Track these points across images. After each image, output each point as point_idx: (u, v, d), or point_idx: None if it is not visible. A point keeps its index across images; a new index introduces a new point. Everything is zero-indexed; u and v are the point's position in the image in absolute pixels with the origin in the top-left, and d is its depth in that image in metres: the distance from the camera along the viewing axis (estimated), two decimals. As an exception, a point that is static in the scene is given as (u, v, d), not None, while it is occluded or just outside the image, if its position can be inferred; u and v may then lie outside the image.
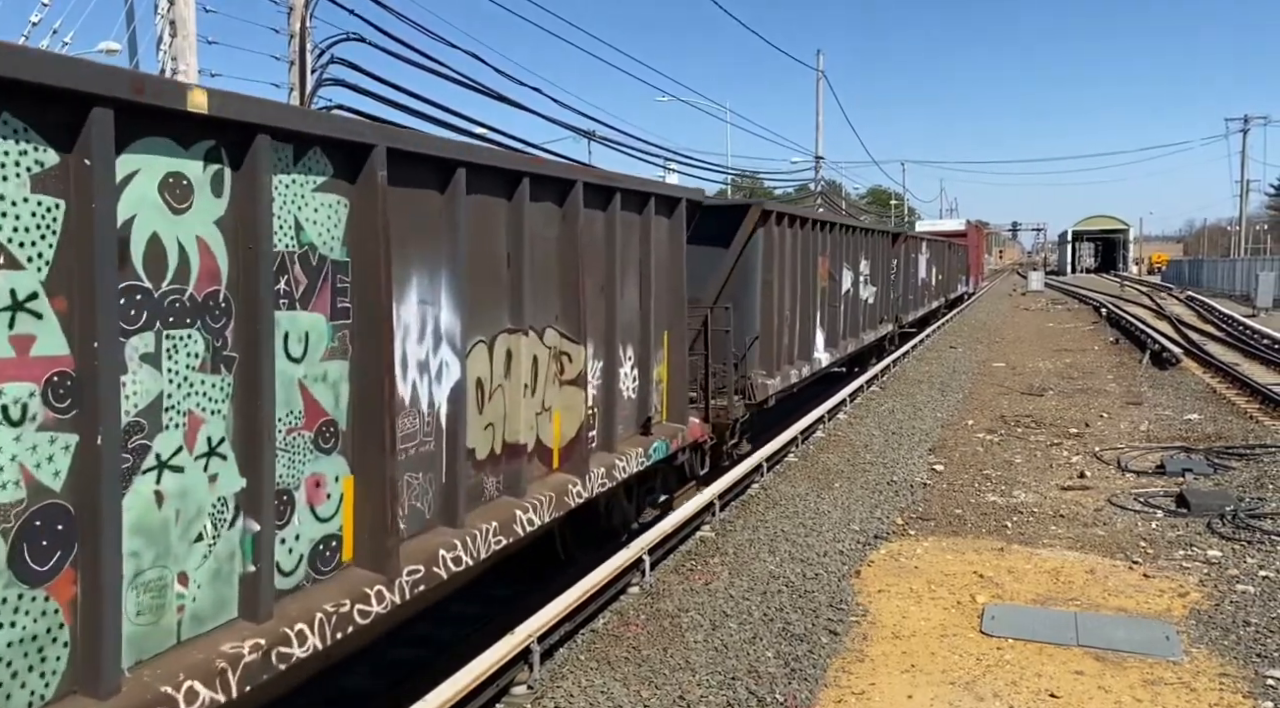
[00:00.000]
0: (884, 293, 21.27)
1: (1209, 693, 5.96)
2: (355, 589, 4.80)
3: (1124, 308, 39.67)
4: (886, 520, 9.86)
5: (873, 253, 19.66)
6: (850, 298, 17.55)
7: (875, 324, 20.16)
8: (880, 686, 6.14)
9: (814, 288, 14.88)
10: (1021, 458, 12.72)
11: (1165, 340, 24.96)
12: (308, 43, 12.44)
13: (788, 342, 13.62)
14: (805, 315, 14.34)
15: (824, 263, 15.27)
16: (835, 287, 16.30)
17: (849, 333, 17.55)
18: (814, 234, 14.74)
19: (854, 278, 17.82)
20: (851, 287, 17.66)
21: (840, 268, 16.60)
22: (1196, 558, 8.52)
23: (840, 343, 16.66)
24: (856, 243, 18.07)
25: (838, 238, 16.40)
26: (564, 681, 6.12)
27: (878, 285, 20.40)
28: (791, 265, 13.56)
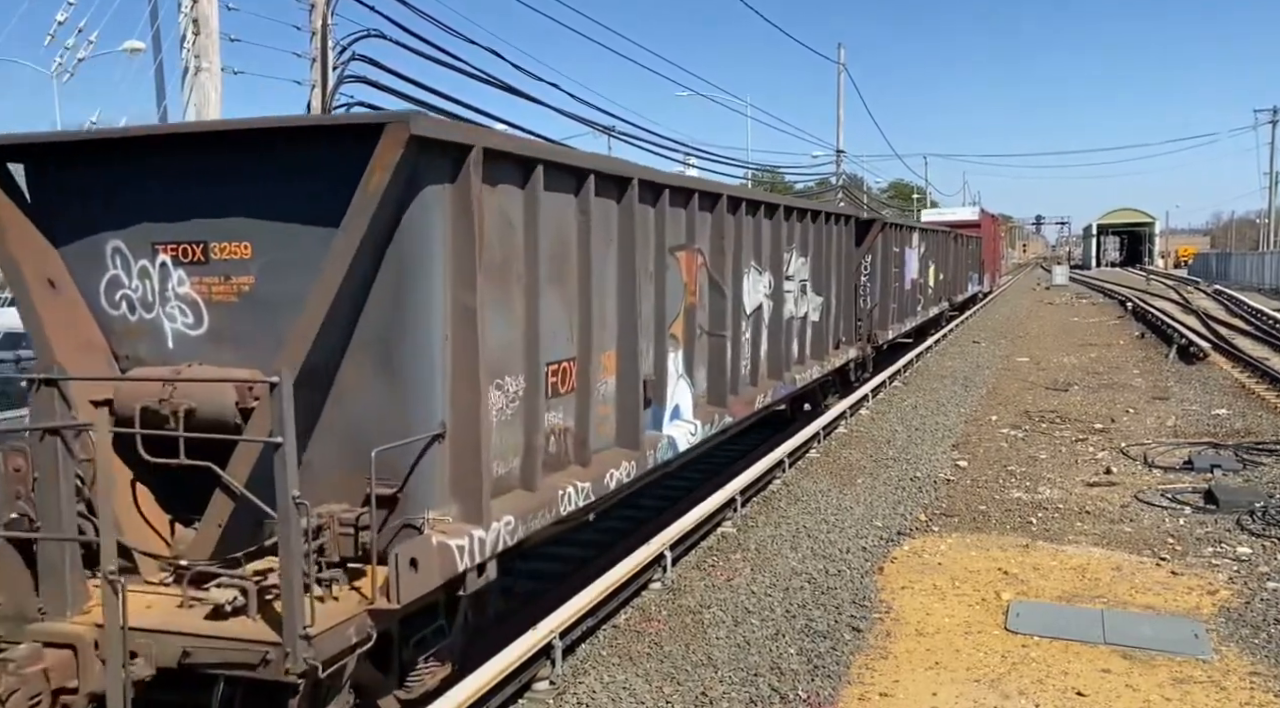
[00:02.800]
0: (842, 305, 14.84)
1: (1239, 692, 5.88)
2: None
3: (1150, 302, 39.24)
4: (909, 517, 9.79)
5: (817, 247, 13.22)
6: (764, 318, 10.99)
7: (823, 352, 13.79)
8: (904, 683, 6.09)
9: (658, 307, 8.02)
10: (1046, 454, 12.60)
11: (1192, 334, 24.65)
12: (329, 40, 12.49)
13: (512, 432, 6.03)
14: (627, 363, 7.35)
15: (689, 261, 8.75)
16: (721, 302, 9.44)
17: (768, 370, 11.23)
18: (648, 211, 7.78)
19: (772, 286, 11.21)
20: (768, 299, 11.11)
21: (736, 270, 9.87)
22: (1226, 555, 8.40)
23: (733, 396, 9.77)
24: (776, 231, 11.28)
25: (722, 220, 9.29)
26: (586, 677, 6.12)
27: (828, 294, 13.90)
28: (556, 266, 6.46)
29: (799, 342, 12.62)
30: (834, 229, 14.38)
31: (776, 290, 11.36)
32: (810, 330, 13.16)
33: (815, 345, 13.39)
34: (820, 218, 13.45)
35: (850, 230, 15.54)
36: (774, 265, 11.22)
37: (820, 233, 13.47)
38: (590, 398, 6.75)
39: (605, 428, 7.15)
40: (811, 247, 12.98)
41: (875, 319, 18.02)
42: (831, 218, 14.25)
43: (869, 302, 17.36)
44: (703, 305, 9.09)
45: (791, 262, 12.03)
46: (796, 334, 12.48)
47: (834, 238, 14.34)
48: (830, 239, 14.06)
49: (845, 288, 15.12)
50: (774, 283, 11.31)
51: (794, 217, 12.14)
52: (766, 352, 11.10)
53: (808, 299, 13.00)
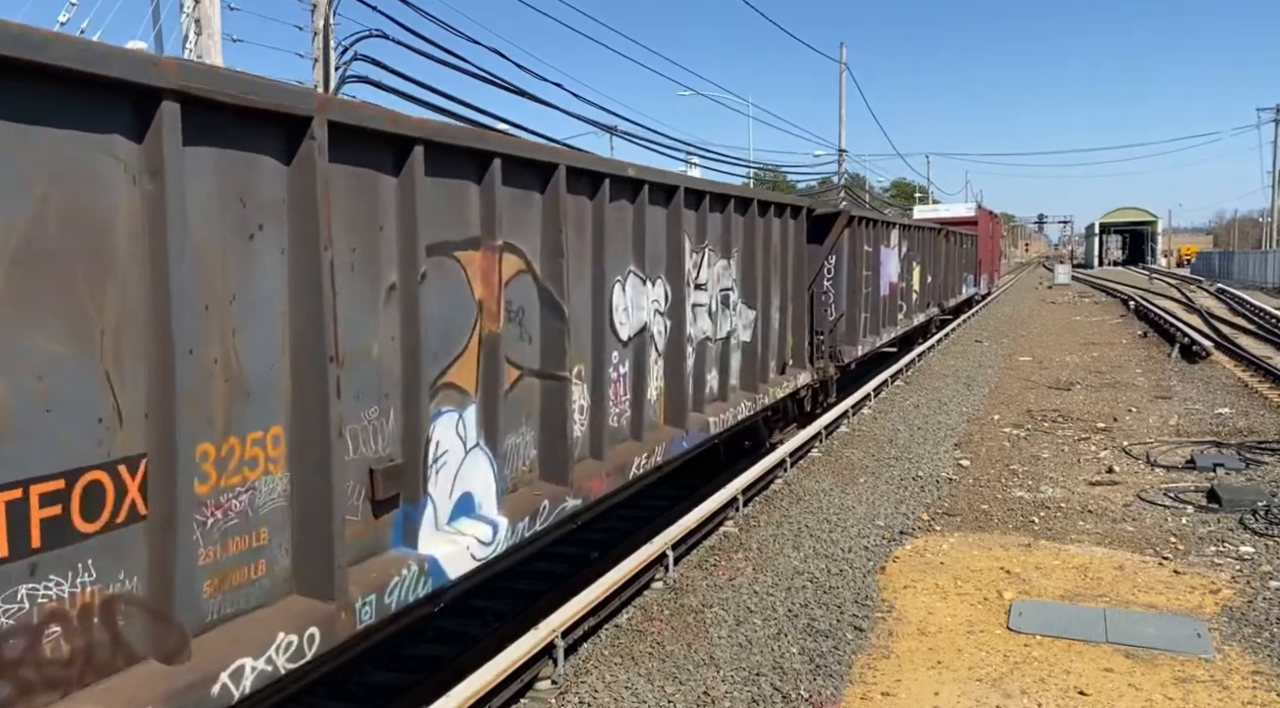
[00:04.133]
0: (791, 318, 12.36)
1: (1242, 692, 5.87)
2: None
3: (1152, 301, 39.20)
4: (912, 516, 9.79)
5: (749, 246, 10.55)
6: (653, 344, 8.33)
7: (758, 381, 10.92)
8: (906, 682, 6.09)
9: (409, 341, 5.17)
10: (1049, 453, 12.59)
11: (1195, 333, 24.63)
12: (331, 40, 12.50)
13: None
14: (314, 443, 4.45)
15: (487, 266, 5.89)
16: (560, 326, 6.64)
17: (664, 415, 8.65)
18: (377, 181, 4.90)
19: (669, 298, 8.61)
20: (661, 318, 8.48)
21: (599, 278, 7.34)
22: (1228, 554, 8.39)
23: (589, 463, 7.22)
24: (675, 224, 8.64)
25: (561, 205, 6.56)
26: (588, 676, 6.13)
27: (767, 306, 11.21)
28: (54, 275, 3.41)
29: (718, 371, 9.81)
30: (777, 224, 11.50)
31: (676, 305, 8.61)
32: (739, 354, 10.46)
33: (746, 373, 10.59)
34: (752, 208, 10.49)
35: (802, 225, 12.56)
36: (672, 271, 8.48)
37: (754, 228, 10.56)
38: (187, 533, 3.71)
39: (256, 568, 4.17)
40: (741, 245, 10.36)
41: (841, 333, 15.40)
42: (771, 209, 11.25)
43: (832, 312, 14.92)
44: (524, 333, 6.21)
45: (703, 266, 9.30)
46: (714, 361, 9.67)
47: (776, 234, 11.57)
48: (771, 236, 11.30)
49: (796, 297, 12.45)
50: (672, 294, 8.56)
51: (706, 206, 9.22)
52: (659, 390, 8.26)
53: (733, 314, 10.18)
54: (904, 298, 21.36)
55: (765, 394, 11.13)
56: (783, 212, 11.99)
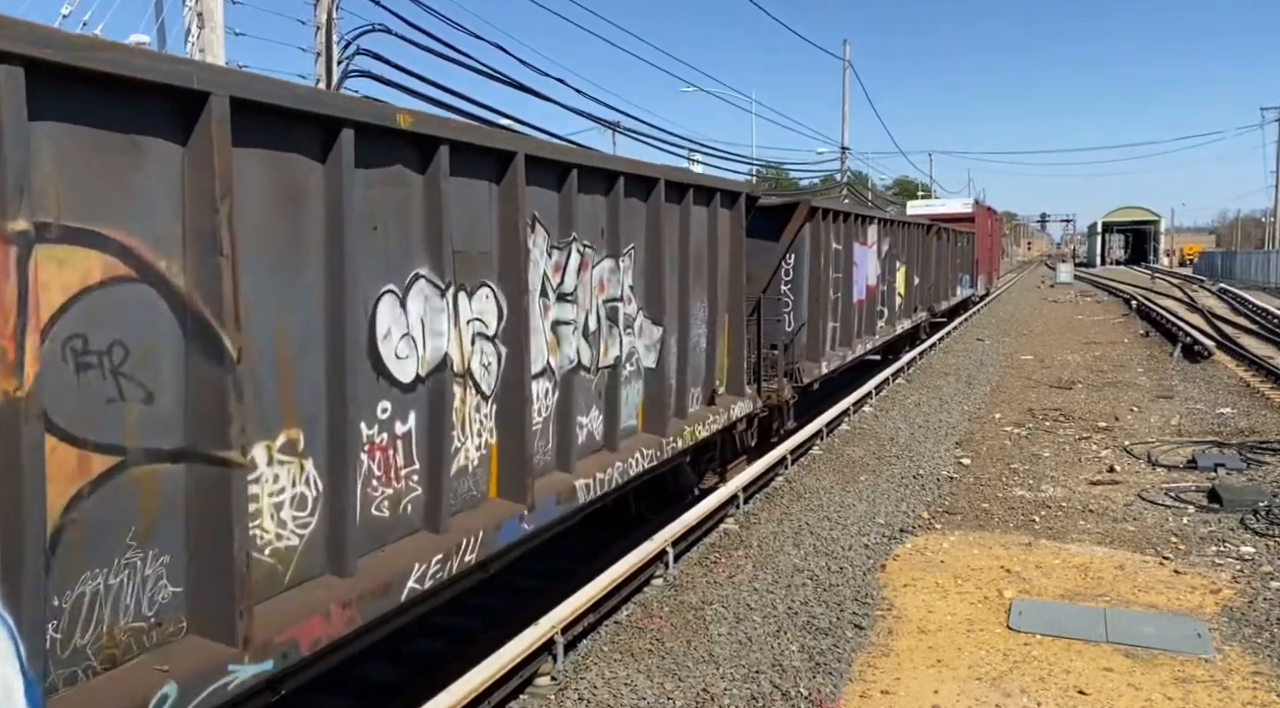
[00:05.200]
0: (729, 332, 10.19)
1: (1242, 692, 5.87)
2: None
3: (1155, 300, 39.17)
4: (912, 514, 9.78)
5: (654, 241, 8.33)
6: (459, 386, 5.83)
7: (667, 420, 8.64)
8: (905, 681, 6.09)
9: None
10: (1050, 452, 12.58)
11: (1197, 333, 24.60)
12: (334, 34, 12.48)
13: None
14: None
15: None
16: (220, 375, 4.01)
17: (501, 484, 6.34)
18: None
19: (503, 316, 6.23)
20: (484, 346, 6.08)
21: (338, 293, 4.76)
22: (1229, 554, 8.39)
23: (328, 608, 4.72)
24: (510, 208, 6.18)
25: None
26: (588, 672, 6.13)
27: (685, 318, 9.07)
28: None
29: (601, 411, 7.57)
30: (700, 214, 9.20)
31: (515, 324, 6.19)
32: (637, 385, 8.21)
33: (650, 410, 8.34)
34: (658, 191, 8.17)
35: (739, 216, 10.15)
36: (508, 276, 6.10)
37: (663, 218, 8.26)
38: None
39: None
40: (641, 241, 8.17)
41: (801, 347, 12.98)
42: (691, 194, 8.91)
43: (790, 322, 12.75)
44: (126, 387, 3.75)
45: (571, 268, 6.95)
46: (594, 398, 7.45)
47: (701, 227, 9.27)
48: (691, 229, 8.95)
49: (733, 307, 10.18)
50: (508, 309, 6.17)
51: (574, 185, 6.82)
52: (483, 449, 6.03)
53: (628, 333, 7.94)
54: (885, 302, 18.90)
55: (681, 435, 8.83)
56: (710, 198, 9.53)
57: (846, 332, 15.60)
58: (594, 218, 7.40)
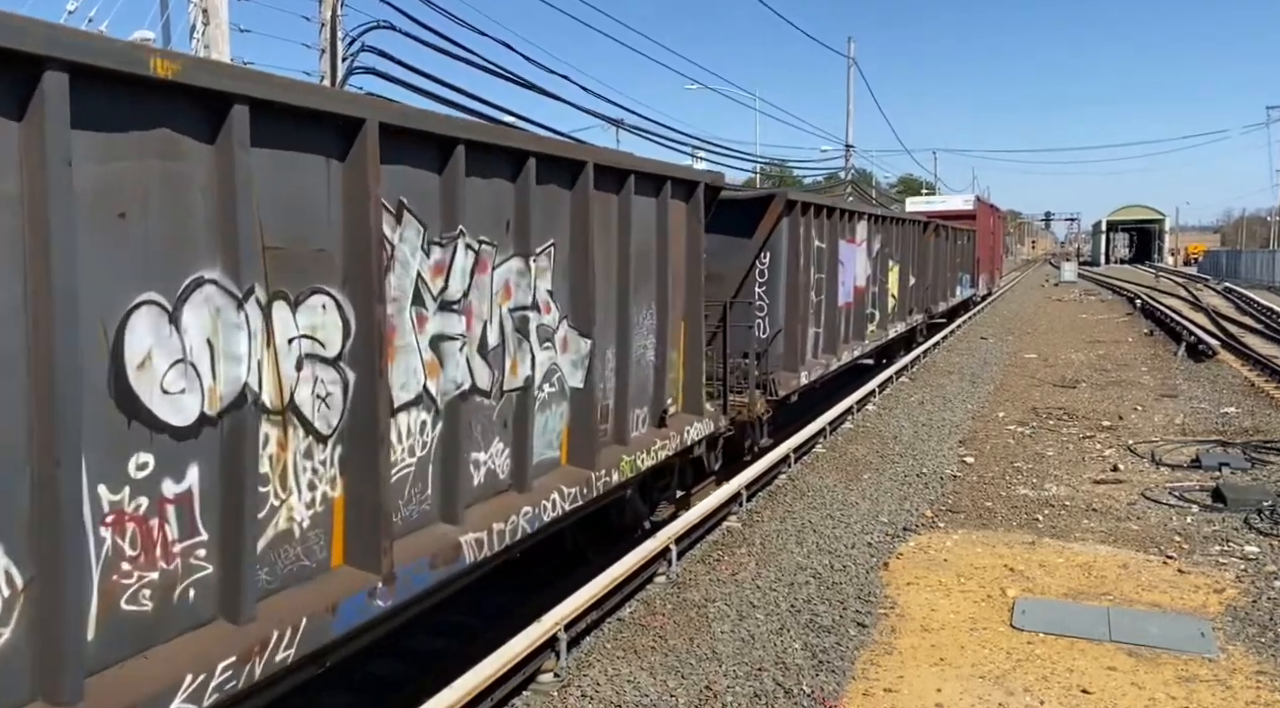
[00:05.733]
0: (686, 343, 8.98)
1: (1245, 691, 5.86)
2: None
3: (1159, 299, 39.10)
4: (915, 513, 9.78)
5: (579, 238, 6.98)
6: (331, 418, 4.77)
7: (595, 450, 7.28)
8: (909, 679, 6.09)
9: None
10: (1053, 451, 12.57)
11: (1201, 332, 24.56)
12: (339, 31, 12.48)
13: None
14: None
15: None
16: None
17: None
18: None
19: (354, 332, 4.84)
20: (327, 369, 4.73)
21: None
22: (1233, 554, 8.37)
23: None
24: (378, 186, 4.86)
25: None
26: (591, 669, 6.13)
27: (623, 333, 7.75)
28: None
29: (508, 444, 6.28)
30: (646, 206, 7.98)
31: (362, 342, 4.86)
32: (560, 410, 6.92)
33: (577, 438, 7.09)
34: (585, 177, 6.90)
35: (697, 209, 8.91)
36: (357, 278, 4.81)
37: (593, 210, 6.96)
38: None
39: None
40: (567, 236, 6.86)
41: (778, 356, 12.00)
42: (632, 181, 7.59)
43: (765, 328, 11.74)
44: None
45: (457, 268, 5.66)
46: (495, 429, 6.15)
47: (645, 221, 8.00)
48: (632, 223, 7.61)
49: (690, 312, 9.00)
50: (357, 323, 4.84)
51: (460, 163, 5.53)
52: (318, 505, 4.73)
53: (545, 347, 6.65)
54: (876, 304, 17.76)
55: (618, 466, 7.47)
56: (658, 187, 8.18)
57: (831, 337, 14.30)
58: (495, 208, 6.00)
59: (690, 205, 8.91)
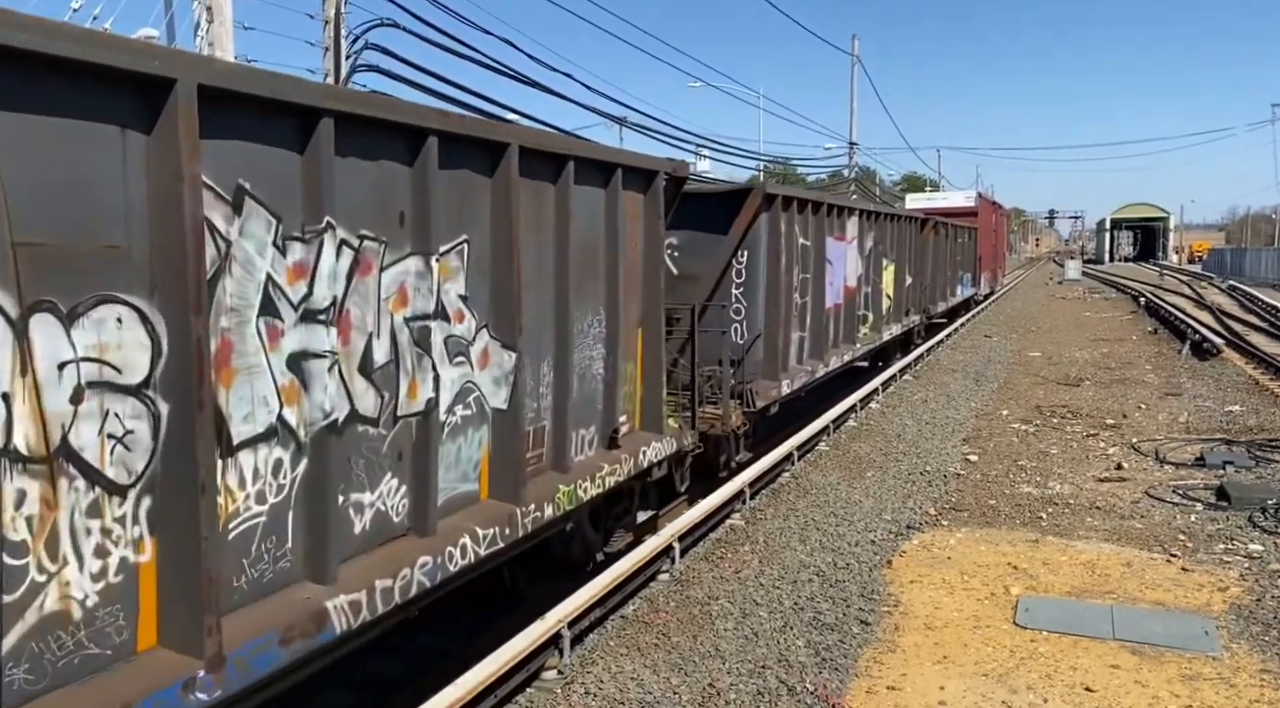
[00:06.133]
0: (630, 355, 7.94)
1: (1249, 689, 5.86)
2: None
3: (1163, 297, 39.03)
4: (919, 511, 9.77)
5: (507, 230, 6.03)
6: (137, 464, 3.80)
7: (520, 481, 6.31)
8: (912, 676, 6.09)
9: None
10: (1057, 449, 12.55)
11: (1206, 330, 24.51)
12: (342, 28, 12.49)
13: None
14: None
15: None
16: None
17: None
18: None
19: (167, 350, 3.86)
20: (112, 400, 3.69)
21: None
22: (1237, 552, 8.36)
23: None
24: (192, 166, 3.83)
25: None
26: (594, 666, 6.14)
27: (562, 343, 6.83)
28: None
29: (404, 480, 5.35)
30: (592, 197, 7.17)
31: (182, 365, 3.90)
32: (471, 438, 5.94)
33: (501, 470, 6.16)
34: (508, 161, 5.95)
35: (655, 201, 8.05)
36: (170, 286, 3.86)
37: (518, 201, 6.04)
38: None
39: None
40: (486, 231, 5.95)
41: (757, 363, 11.09)
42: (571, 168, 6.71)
43: (742, 333, 10.91)
44: None
45: (324, 270, 4.71)
46: (381, 466, 5.18)
47: (593, 215, 7.18)
48: (571, 216, 6.73)
49: (648, 318, 8.08)
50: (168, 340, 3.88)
51: (322, 139, 4.58)
52: (86, 589, 3.67)
53: (443, 363, 5.61)
54: (869, 306, 16.97)
55: (554, 498, 6.57)
56: (607, 175, 7.33)
57: (818, 342, 13.37)
58: (384, 196, 5.07)
59: (648, 197, 8.03)
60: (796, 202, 12.35)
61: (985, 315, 33.39)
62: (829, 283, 13.86)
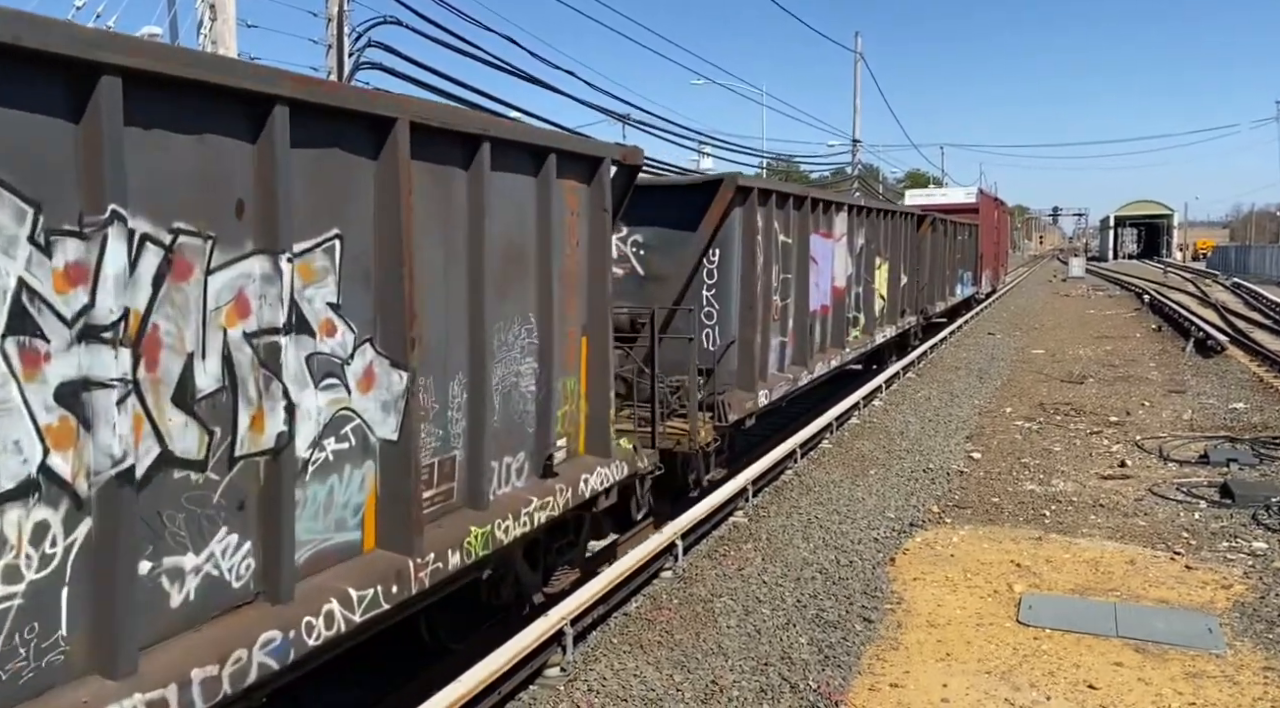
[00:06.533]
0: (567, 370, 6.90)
1: (1253, 687, 5.85)
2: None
3: (1167, 295, 38.95)
4: (922, 508, 9.77)
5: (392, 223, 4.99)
6: None
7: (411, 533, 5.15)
8: (915, 674, 6.09)
9: None
10: (1061, 446, 12.54)
11: (1210, 328, 24.47)
12: (345, 26, 12.50)
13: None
14: None
15: None
16: None
17: None
18: None
19: None
20: None
21: None
22: (1241, 550, 8.35)
23: None
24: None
25: None
26: (597, 663, 6.15)
27: (477, 360, 5.79)
28: None
29: (248, 535, 4.37)
30: (511, 184, 6.07)
31: None
32: (350, 478, 4.93)
33: (391, 514, 5.13)
34: (394, 140, 4.98)
35: (599, 191, 7.07)
36: None
37: (408, 185, 5.04)
38: None
39: None
40: (367, 224, 4.98)
41: (730, 372, 10.21)
42: (485, 150, 5.69)
43: (714, 340, 10.07)
44: None
45: (108, 273, 3.65)
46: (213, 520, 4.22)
47: (513, 205, 6.12)
48: (487, 208, 5.73)
49: (595, 324, 7.11)
50: None
51: (106, 103, 3.56)
52: None
53: (303, 389, 4.61)
54: (860, 307, 15.97)
55: (464, 544, 5.53)
56: (537, 162, 6.31)
57: (801, 347, 12.46)
58: (210, 179, 4.08)
59: (592, 187, 7.02)
60: (775, 195, 11.41)
61: (989, 313, 33.35)
62: (814, 283, 13.02)
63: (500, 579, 6.61)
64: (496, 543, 5.86)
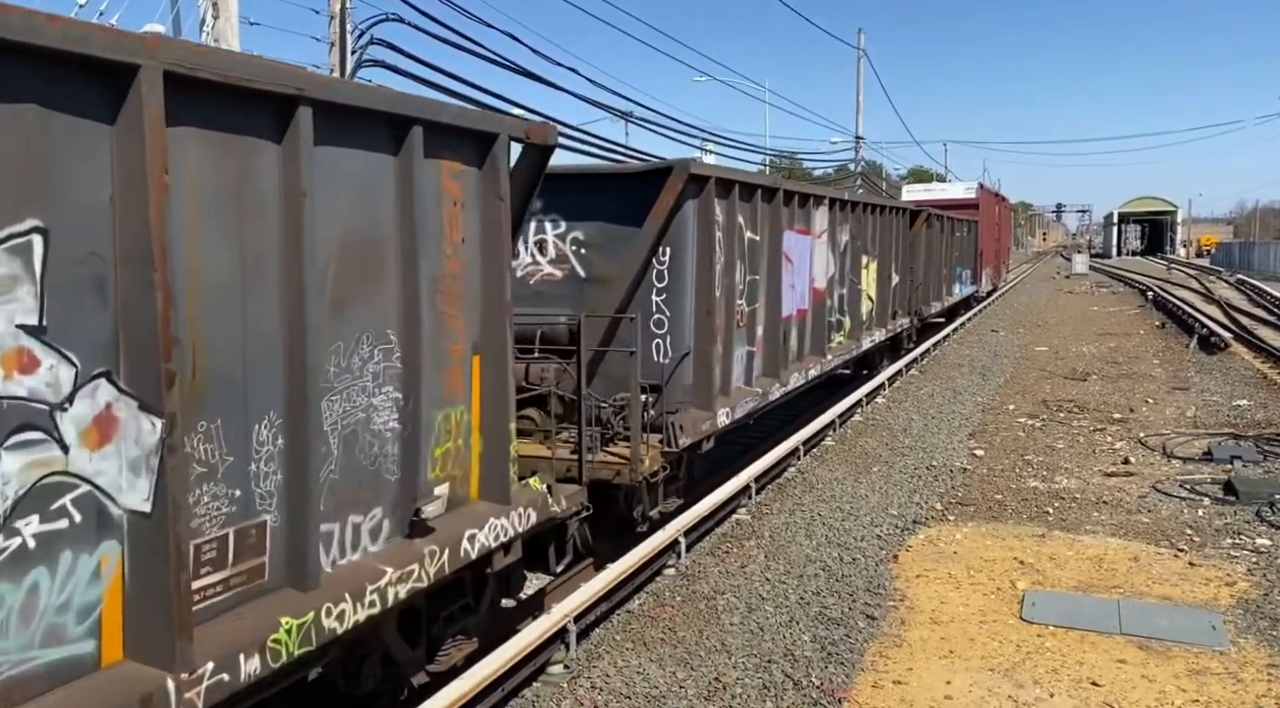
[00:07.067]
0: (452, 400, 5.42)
1: (1256, 684, 5.85)
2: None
3: (1171, 291, 38.87)
4: (925, 506, 9.77)
5: (138, 221, 3.50)
6: None
7: (170, 636, 3.63)
8: (918, 671, 6.09)
9: None
10: (1064, 443, 12.53)
11: (1213, 324, 24.42)
12: (348, 24, 12.50)
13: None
14: None
15: None
16: None
17: None
18: None
19: None
20: None
21: None
22: (1245, 547, 8.35)
23: None
24: None
25: None
26: (600, 661, 6.15)
27: (291, 410, 4.30)
28: None
29: None
30: (356, 163, 4.67)
31: None
32: (84, 567, 3.48)
33: (144, 610, 3.64)
34: (141, 94, 3.45)
35: (493, 177, 5.65)
36: None
37: (146, 158, 3.48)
38: None
39: None
40: (103, 214, 3.50)
41: (684, 387, 8.79)
42: (306, 116, 4.21)
43: (666, 350, 8.70)
44: None
45: None
46: None
47: (360, 192, 4.72)
48: (300, 195, 4.23)
49: (490, 339, 5.67)
50: None
51: None
52: None
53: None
54: (845, 310, 14.50)
55: (269, 644, 4.03)
56: (397, 137, 4.93)
57: (773, 357, 10.94)
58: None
59: (484, 171, 5.61)
60: (739, 186, 9.77)
61: (991, 310, 33.32)
62: (789, 285, 11.37)
63: (360, 662, 5.14)
64: (327, 635, 4.33)
